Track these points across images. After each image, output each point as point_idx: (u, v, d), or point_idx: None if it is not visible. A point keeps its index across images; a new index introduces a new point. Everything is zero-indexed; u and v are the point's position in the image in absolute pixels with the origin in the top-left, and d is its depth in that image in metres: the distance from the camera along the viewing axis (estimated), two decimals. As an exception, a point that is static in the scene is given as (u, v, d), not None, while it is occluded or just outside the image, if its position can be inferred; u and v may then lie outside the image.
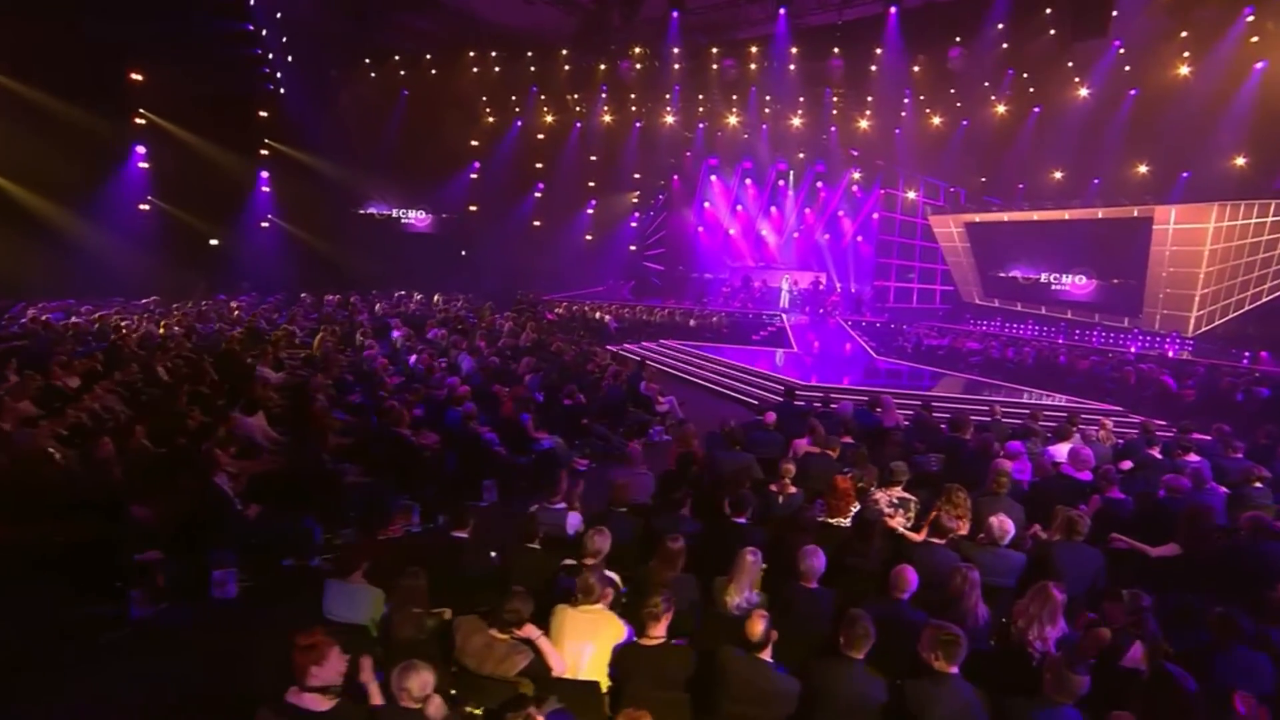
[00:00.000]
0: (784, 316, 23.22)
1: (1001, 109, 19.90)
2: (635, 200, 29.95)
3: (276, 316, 16.92)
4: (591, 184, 28.26)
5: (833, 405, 8.06)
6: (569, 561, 4.09)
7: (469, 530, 4.41)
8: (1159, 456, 6.92)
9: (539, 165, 27.25)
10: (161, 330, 13.29)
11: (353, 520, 6.19)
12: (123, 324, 13.43)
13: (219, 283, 22.24)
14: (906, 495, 5.23)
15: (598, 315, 20.56)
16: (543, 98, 24.52)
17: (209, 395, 8.17)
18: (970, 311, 24.38)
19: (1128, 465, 6.94)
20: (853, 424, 6.77)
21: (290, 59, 22.87)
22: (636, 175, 28.36)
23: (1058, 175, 21.96)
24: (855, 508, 5.15)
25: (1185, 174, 18.83)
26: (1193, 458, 6.73)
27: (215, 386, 8.61)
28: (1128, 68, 17.36)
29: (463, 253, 28.08)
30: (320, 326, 13.89)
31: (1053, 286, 22.19)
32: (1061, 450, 6.99)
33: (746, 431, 7.23)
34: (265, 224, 24.74)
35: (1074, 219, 21.29)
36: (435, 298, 23.06)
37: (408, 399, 8.06)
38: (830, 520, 5.12)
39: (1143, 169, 19.85)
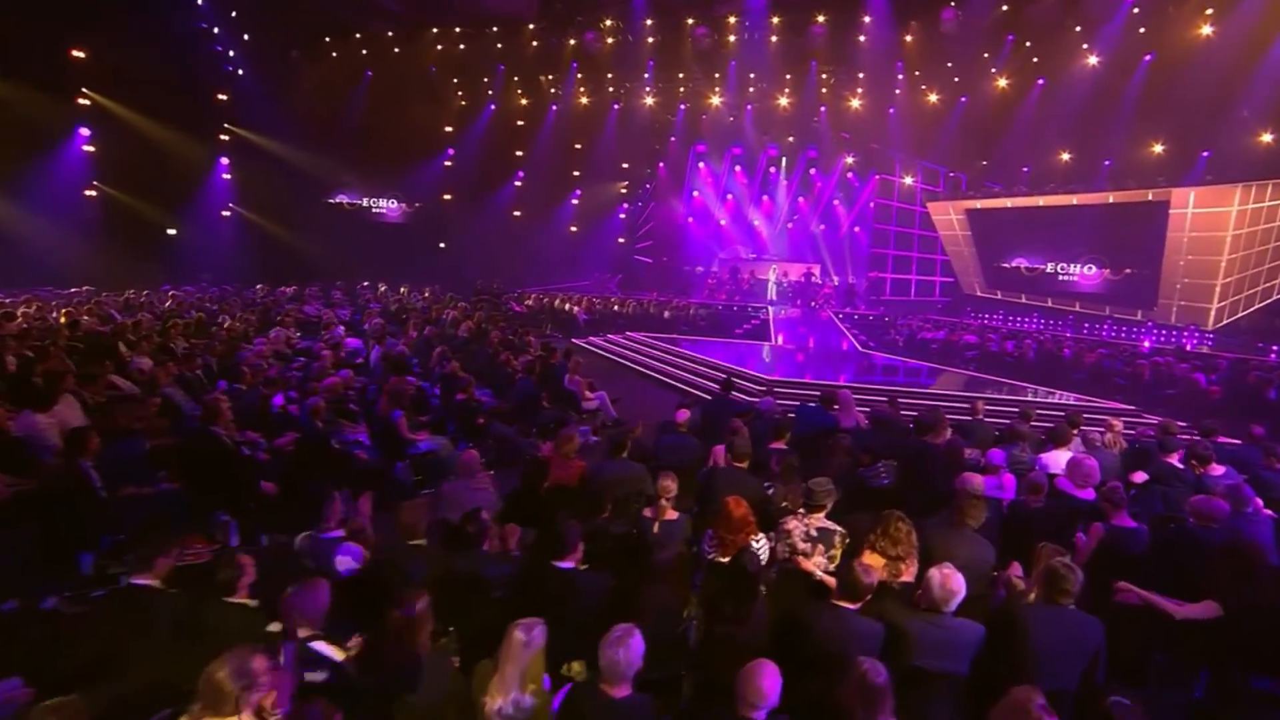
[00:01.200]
0: (770, 309, 21.86)
1: (1003, 82, 18.26)
2: (624, 191, 28.58)
3: (213, 307, 15.67)
4: (576, 173, 26.93)
5: (760, 401, 6.57)
6: (274, 627, 2.68)
7: (155, 574, 2.98)
8: (1179, 466, 5.40)
9: (519, 153, 25.94)
10: (62, 318, 12.03)
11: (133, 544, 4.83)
12: (19, 312, 12.14)
13: (177, 274, 21.08)
14: (829, 525, 3.76)
15: (567, 307, 19.17)
16: (516, 79, 23.17)
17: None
18: (971, 304, 22.80)
19: (1141, 477, 5.44)
20: (785, 424, 5.30)
21: (246, 37, 21.69)
22: (625, 165, 27.00)
23: (1065, 157, 20.32)
24: (758, 543, 3.70)
25: (1205, 153, 17.22)
26: (1219, 469, 5.22)
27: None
28: (1142, 29, 15.67)
29: (441, 245, 26.79)
30: (235, 315, 12.57)
31: (1060, 277, 20.62)
32: (1057, 459, 5.50)
33: (659, 433, 5.79)
34: (226, 213, 23.59)
35: (1083, 204, 19.74)
36: (401, 289, 21.82)
37: (262, 391, 6.67)
38: (723, 560, 3.67)
39: (1158, 148, 18.23)
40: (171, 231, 21.85)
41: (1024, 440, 5.61)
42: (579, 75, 22.20)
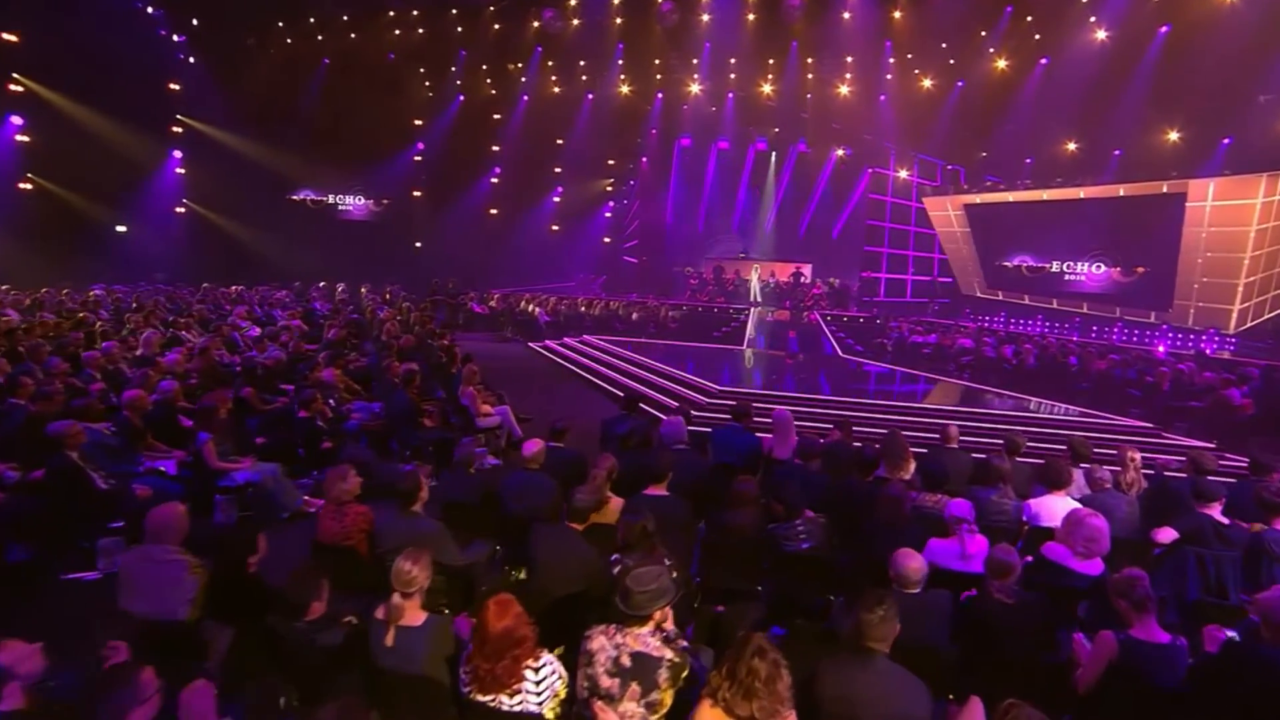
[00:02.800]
0: (753, 311, 20.43)
1: (1001, 63, 16.69)
2: (609, 188, 27.21)
3: (132, 305, 14.37)
4: (557, 170, 25.59)
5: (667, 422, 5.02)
6: None
7: None
8: (1224, 521, 3.85)
9: (495, 148, 24.63)
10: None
11: None
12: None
13: (129, 273, 19.88)
14: (654, 649, 2.25)
15: (530, 309, 17.75)
16: (484, 67, 21.84)
17: None
18: (971, 305, 21.23)
19: (1168, 534, 3.91)
20: (663, 463, 3.77)
21: (195, 22, 20.47)
22: (610, 161, 25.68)
23: (1071, 147, 18.76)
24: (537, 674, 2.22)
25: (1226, 140, 15.64)
26: (1289, 525, 3.68)
27: None
28: (1156, -4, 14.12)
29: (417, 245, 25.51)
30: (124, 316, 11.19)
31: (1066, 276, 19.08)
32: (1051, 507, 3.99)
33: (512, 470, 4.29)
34: (180, 209, 22.38)
35: (1090, 198, 18.24)
36: (362, 289, 20.57)
37: (30, 410, 5.24)
38: (481, 699, 2.20)
39: (1173, 136, 16.68)
40: (121, 229, 20.66)
41: (1004, 481, 4.08)
42: (549, 63, 20.84)
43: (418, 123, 24.00)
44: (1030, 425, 8.29)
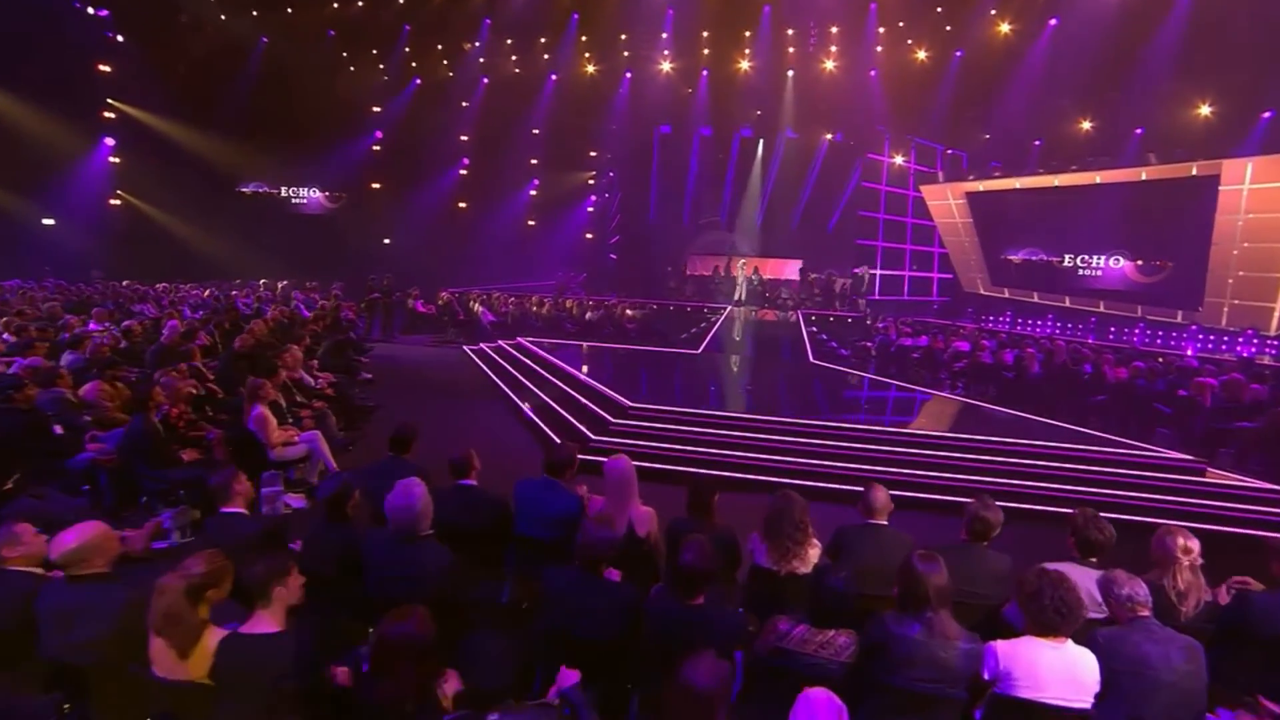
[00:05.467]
0: (736, 311, 18.61)
1: (1005, 27, 14.65)
2: (590, 181, 25.50)
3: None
4: (533, 161, 23.91)
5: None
6: None
7: None
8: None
9: (464, 138, 22.96)
10: None
11: None
12: None
13: (60, 270, 18.30)
14: None
15: (476, 308, 15.94)
16: (440, 47, 20.11)
17: None
18: (974, 304, 19.19)
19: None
20: (266, 563, 1.79)
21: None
22: (593, 153, 24.05)
23: (1085, 125, 16.70)
24: None
25: (1267, 113, 13.60)
26: None
27: None
28: (1186, -61, 12.13)
29: (386, 240, 23.90)
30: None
31: (1080, 271, 17.07)
32: (1033, 663, 2.06)
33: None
34: (115, 201, 20.81)
35: (1108, 183, 16.23)
36: (309, 284, 18.99)
37: None
38: None
39: (1204, 110, 14.65)
40: (48, 221, 19.11)
41: (936, 606, 2.12)
42: (508, 41, 19.06)
43: (376, 109, 22.37)
44: (1018, 458, 6.31)
